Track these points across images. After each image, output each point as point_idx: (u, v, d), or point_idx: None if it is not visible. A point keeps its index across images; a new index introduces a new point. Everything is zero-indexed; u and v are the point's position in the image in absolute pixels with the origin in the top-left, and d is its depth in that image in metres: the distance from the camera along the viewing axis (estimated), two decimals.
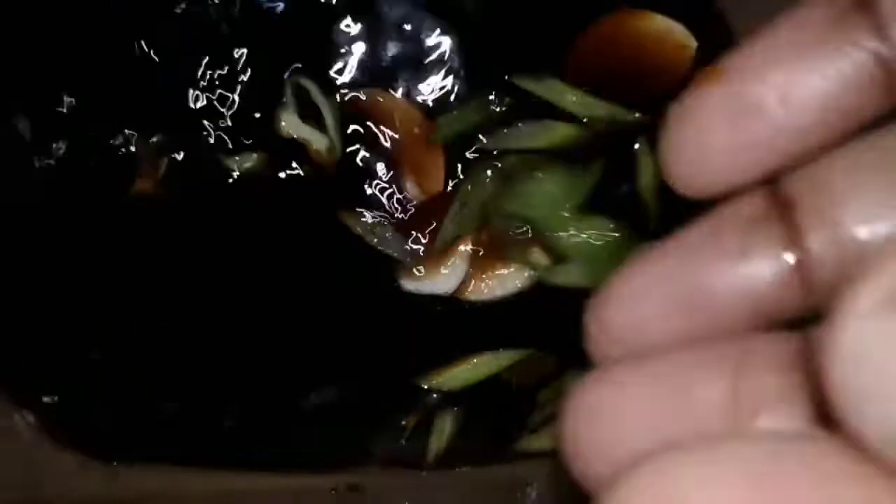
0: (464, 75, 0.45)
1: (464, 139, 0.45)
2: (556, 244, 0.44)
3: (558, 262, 0.44)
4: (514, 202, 0.44)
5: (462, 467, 0.45)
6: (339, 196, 0.45)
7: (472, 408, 0.45)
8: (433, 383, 0.45)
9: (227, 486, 0.44)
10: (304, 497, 0.44)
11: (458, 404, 0.45)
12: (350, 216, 0.45)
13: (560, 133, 0.44)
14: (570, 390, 0.17)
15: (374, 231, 0.44)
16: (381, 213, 0.45)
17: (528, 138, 0.44)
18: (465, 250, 0.45)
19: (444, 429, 0.45)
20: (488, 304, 0.45)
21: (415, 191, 0.45)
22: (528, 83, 0.44)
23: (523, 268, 0.45)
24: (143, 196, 0.44)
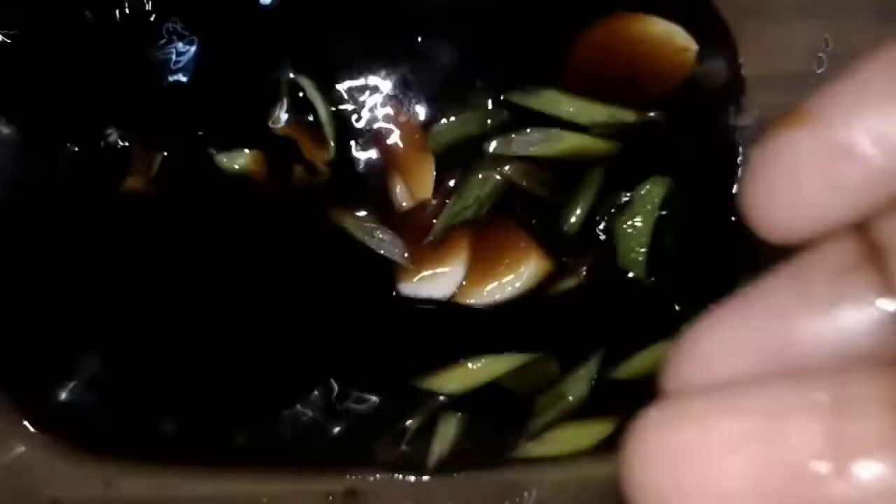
0: (460, 85, 0.44)
1: (458, 148, 0.44)
2: None
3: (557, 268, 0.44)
4: None
5: (462, 472, 0.44)
6: (333, 197, 0.44)
7: (474, 413, 0.44)
8: (432, 386, 0.44)
9: (223, 490, 0.43)
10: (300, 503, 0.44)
11: (460, 409, 0.44)
12: (345, 217, 0.44)
13: (568, 143, 0.44)
14: (636, 423, 0.15)
15: (369, 232, 0.44)
16: (374, 215, 0.44)
17: (534, 146, 0.43)
18: (463, 254, 0.44)
19: (447, 433, 0.44)
20: (487, 308, 0.44)
21: (405, 196, 0.44)
22: (522, 98, 0.44)
23: (522, 273, 0.44)
24: (135, 194, 0.43)
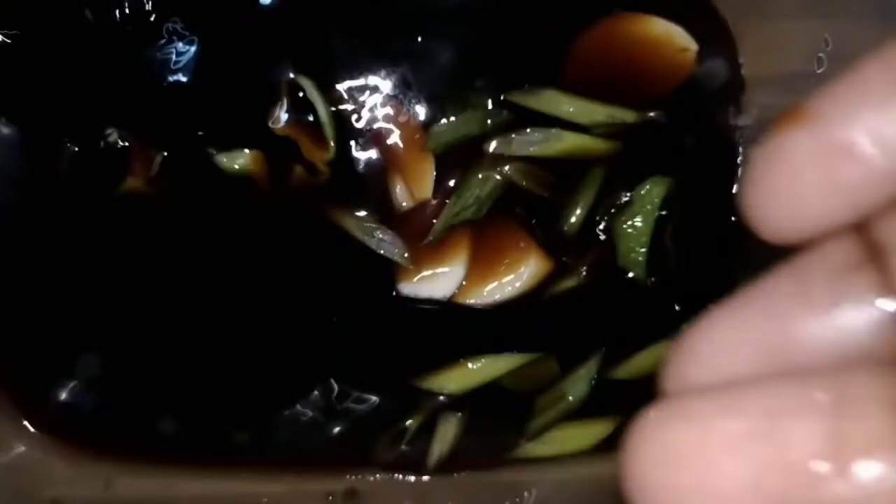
0: (460, 85, 0.44)
1: (458, 148, 0.44)
2: None
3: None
4: None
5: (462, 472, 0.44)
6: (333, 197, 0.44)
7: (473, 413, 0.44)
8: (432, 386, 0.44)
9: (222, 490, 0.43)
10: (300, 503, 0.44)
11: (460, 409, 0.44)
12: (345, 217, 0.44)
13: (568, 143, 0.44)
14: (636, 423, 0.15)
15: (369, 232, 0.44)
16: (374, 215, 0.44)
17: (535, 146, 0.43)
18: (462, 254, 0.44)
19: (447, 433, 0.44)
20: (487, 308, 0.44)
21: (405, 196, 0.44)
22: (522, 98, 0.44)
23: (522, 273, 0.44)
24: (135, 194, 0.43)
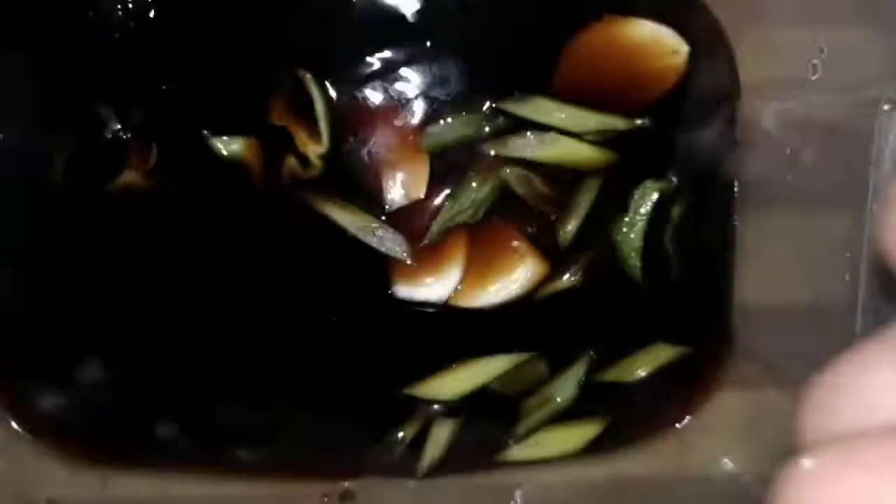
0: (457, 87, 0.44)
1: (454, 151, 0.44)
2: None
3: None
4: None
5: (453, 475, 0.45)
6: (326, 192, 0.44)
7: (465, 417, 0.45)
8: (426, 393, 0.44)
9: (218, 492, 0.43)
10: None
11: (452, 413, 0.44)
12: (342, 214, 0.43)
13: (564, 147, 0.44)
14: (787, 475, 0.14)
15: (369, 230, 0.43)
16: (366, 213, 0.44)
17: (531, 149, 0.44)
18: (459, 257, 0.44)
19: (440, 438, 0.44)
20: (483, 311, 0.44)
21: (399, 194, 0.44)
22: (513, 106, 0.44)
23: (518, 276, 0.45)
24: (131, 188, 0.42)
